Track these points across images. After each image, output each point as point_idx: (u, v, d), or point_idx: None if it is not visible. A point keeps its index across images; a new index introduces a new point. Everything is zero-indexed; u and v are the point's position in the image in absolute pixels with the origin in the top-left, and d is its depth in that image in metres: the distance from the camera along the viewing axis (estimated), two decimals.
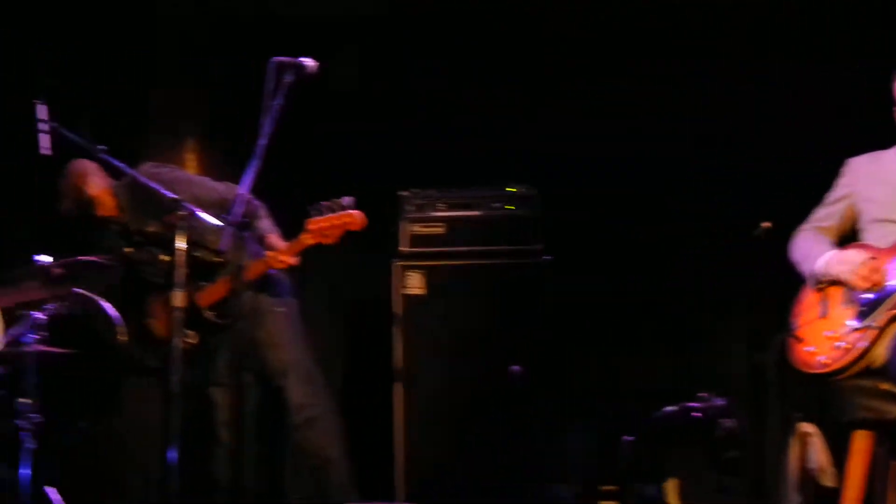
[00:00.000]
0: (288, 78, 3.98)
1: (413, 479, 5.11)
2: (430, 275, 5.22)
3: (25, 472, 4.27)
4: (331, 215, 4.45)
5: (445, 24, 5.73)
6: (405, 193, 5.29)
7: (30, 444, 4.29)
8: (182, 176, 4.91)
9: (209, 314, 4.68)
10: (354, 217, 4.45)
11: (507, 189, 5.28)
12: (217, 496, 4.82)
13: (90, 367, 5.17)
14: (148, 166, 4.84)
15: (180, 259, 4.10)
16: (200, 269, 4.60)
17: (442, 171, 5.50)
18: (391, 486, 5.11)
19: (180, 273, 4.12)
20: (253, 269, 4.63)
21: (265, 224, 4.71)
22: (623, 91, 5.64)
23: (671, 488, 4.60)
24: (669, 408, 4.75)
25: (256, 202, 4.67)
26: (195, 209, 4.22)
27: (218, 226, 4.35)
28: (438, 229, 5.28)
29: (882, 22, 5.28)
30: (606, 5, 5.69)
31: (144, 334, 4.86)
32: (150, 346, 4.82)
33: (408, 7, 5.73)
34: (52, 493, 4.72)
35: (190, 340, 4.64)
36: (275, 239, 4.66)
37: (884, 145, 4.03)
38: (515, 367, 5.04)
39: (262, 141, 3.92)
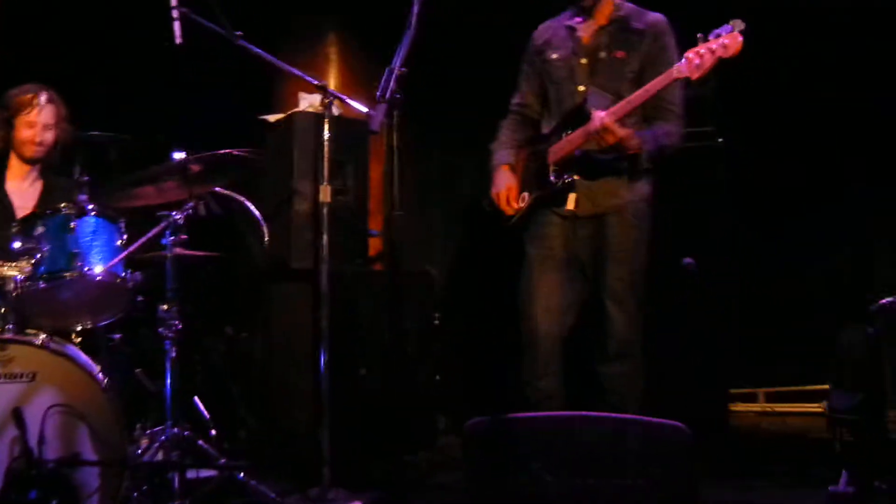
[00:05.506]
0: None
1: None
2: None
3: (168, 381, 3.92)
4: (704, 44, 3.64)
5: None
6: None
7: (172, 352, 3.96)
8: None
9: (553, 170, 4.00)
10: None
11: None
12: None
13: (233, 270, 4.91)
14: None
15: None
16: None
17: None
18: None
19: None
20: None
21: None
22: None
23: None
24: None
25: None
26: None
27: None
28: None
29: None
30: None
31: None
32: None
33: None
34: (198, 403, 4.50)
35: (519, 204, 4.09)
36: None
37: None
38: (688, 260, 4.66)
39: (415, 9, 3.48)
